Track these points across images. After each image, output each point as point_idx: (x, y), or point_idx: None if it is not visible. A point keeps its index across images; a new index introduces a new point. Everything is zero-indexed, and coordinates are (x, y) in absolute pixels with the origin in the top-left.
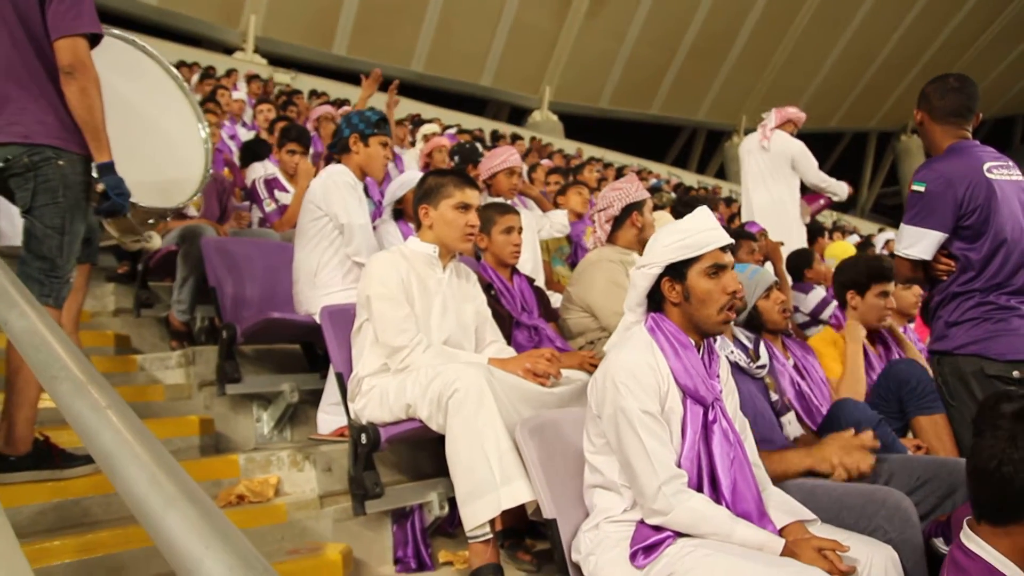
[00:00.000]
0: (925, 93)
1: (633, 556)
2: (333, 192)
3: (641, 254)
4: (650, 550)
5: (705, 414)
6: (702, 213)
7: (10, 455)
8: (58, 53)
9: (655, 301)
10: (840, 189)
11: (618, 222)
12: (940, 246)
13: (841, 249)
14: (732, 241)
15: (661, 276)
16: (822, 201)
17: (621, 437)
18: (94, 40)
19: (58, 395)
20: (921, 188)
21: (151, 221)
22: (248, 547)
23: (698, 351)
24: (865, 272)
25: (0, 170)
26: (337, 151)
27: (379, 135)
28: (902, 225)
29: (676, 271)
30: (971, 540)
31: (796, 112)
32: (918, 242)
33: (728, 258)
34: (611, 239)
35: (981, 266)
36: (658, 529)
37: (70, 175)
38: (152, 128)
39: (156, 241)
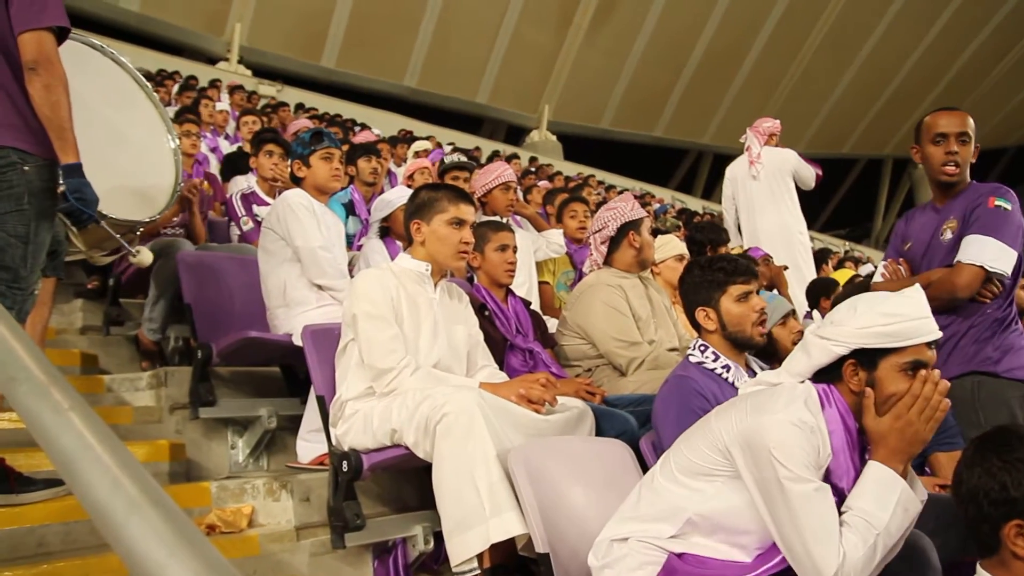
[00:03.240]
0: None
1: None
2: (288, 215)
3: (641, 276)
4: None
5: None
6: (915, 297)
7: None
8: (22, 48)
9: (826, 375)
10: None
11: (614, 243)
12: None
13: (843, 279)
14: (940, 335)
15: (845, 356)
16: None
17: (791, 507)
18: (61, 35)
19: (16, 397)
20: (1009, 207)
21: (119, 235)
22: (216, 554)
23: (861, 453)
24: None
25: None
26: (295, 182)
27: (316, 151)
28: (982, 237)
29: (866, 357)
30: None
31: (772, 124)
32: (1003, 257)
33: (932, 354)
34: (608, 261)
35: (1009, 293)
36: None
37: (35, 181)
38: (120, 138)
39: (146, 256)
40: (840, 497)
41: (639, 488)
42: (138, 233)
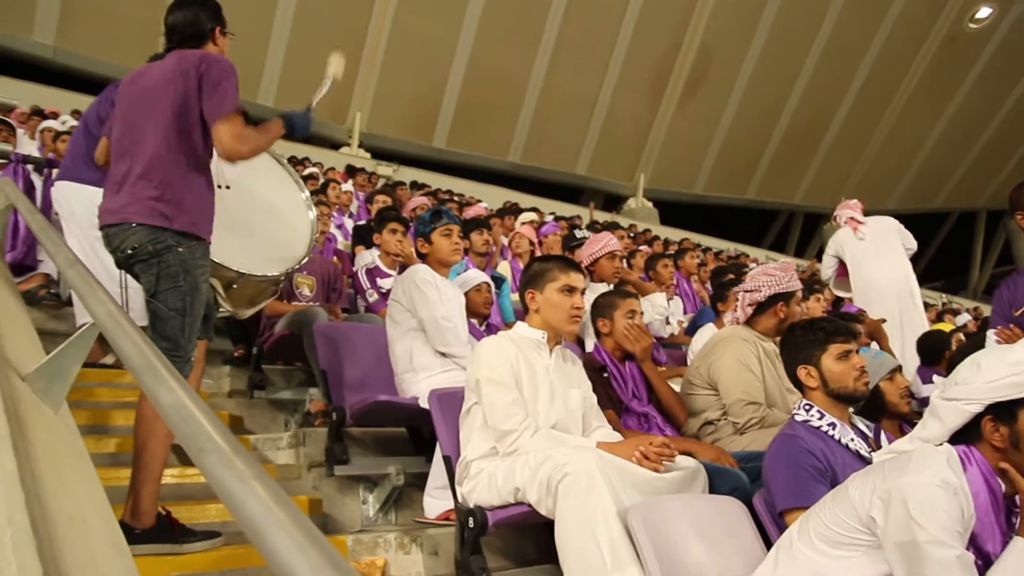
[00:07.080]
0: None
1: None
2: (412, 290)
3: (778, 343)
4: None
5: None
6: None
7: (135, 528)
8: (216, 136)
9: (964, 435)
10: None
11: (761, 307)
12: None
13: None
14: None
15: (981, 414)
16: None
17: (930, 574)
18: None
19: (205, 466)
20: None
21: (263, 290)
22: None
23: (1008, 514)
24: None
25: (128, 256)
26: (421, 258)
27: (437, 228)
28: None
29: (1003, 410)
30: None
31: (853, 205)
32: None
33: None
34: (750, 321)
35: None
36: None
37: (189, 260)
38: (267, 210)
39: (244, 312)
40: (986, 562)
41: (776, 551)
42: (280, 286)
